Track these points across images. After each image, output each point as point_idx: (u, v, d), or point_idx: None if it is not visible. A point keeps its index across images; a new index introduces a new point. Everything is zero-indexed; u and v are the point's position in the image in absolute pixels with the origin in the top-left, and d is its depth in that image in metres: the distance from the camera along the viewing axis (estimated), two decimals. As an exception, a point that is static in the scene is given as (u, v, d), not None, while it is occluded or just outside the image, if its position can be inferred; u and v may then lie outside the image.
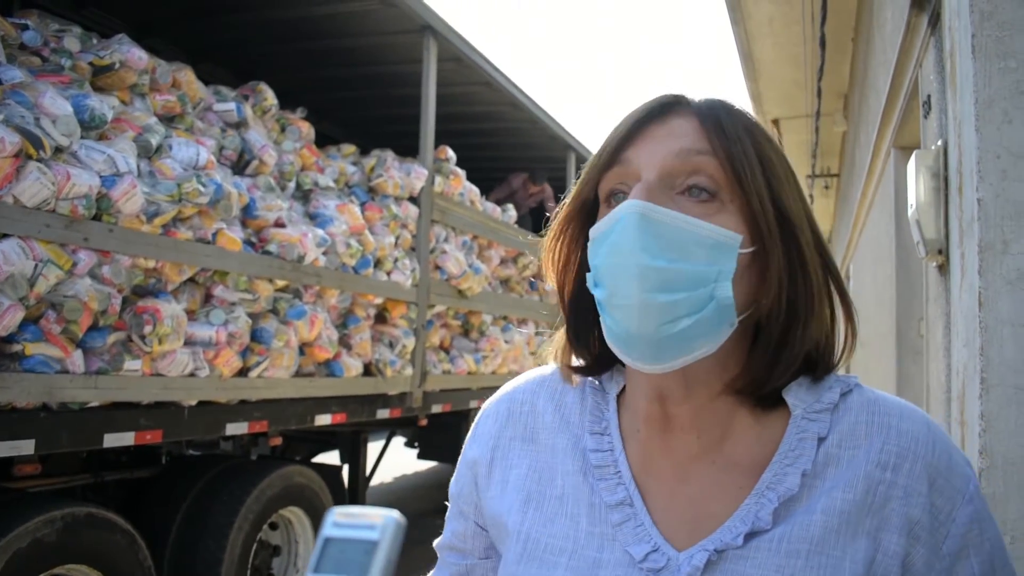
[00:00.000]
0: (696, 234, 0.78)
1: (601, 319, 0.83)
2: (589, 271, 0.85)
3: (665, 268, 0.77)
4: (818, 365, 0.86)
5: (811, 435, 0.83)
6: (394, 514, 0.55)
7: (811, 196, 11.72)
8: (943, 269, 2.61)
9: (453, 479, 1.01)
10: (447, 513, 1.02)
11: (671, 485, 0.86)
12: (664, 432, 0.87)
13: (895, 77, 3.69)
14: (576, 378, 0.96)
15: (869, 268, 6.30)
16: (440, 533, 1.03)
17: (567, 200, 0.91)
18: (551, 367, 0.99)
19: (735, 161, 0.80)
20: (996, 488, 1.98)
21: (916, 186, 2.59)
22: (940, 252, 2.54)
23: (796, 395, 0.85)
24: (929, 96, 2.84)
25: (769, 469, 0.83)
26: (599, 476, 0.88)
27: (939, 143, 2.56)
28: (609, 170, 0.85)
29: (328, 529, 0.56)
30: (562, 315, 0.95)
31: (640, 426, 0.89)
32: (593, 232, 0.84)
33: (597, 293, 0.82)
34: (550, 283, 0.94)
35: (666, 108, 0.85)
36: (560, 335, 0.96)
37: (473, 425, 1.02)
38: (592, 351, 0.94)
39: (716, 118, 0.83)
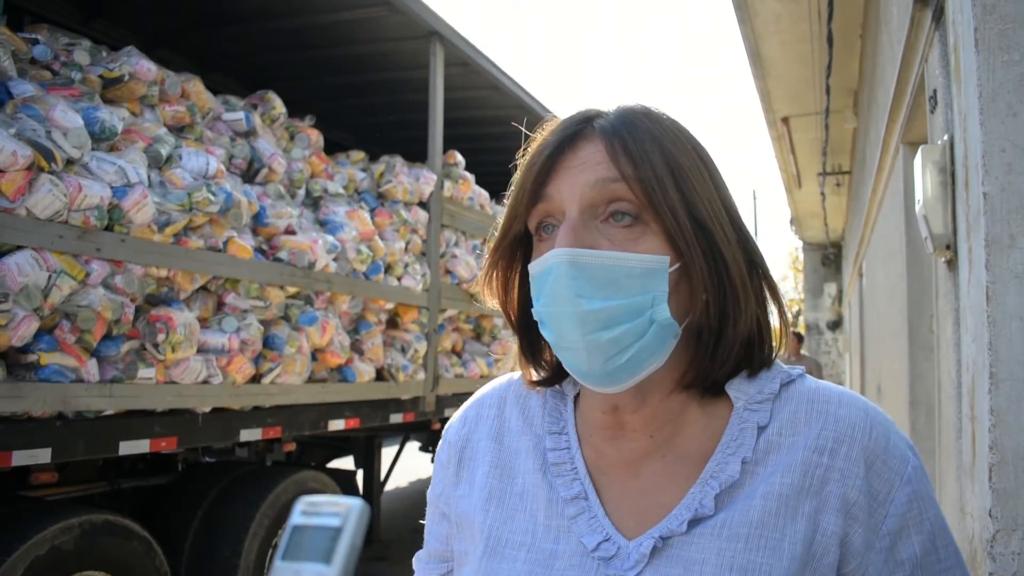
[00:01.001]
0: (625, 267, 0.81)
1: (554, 352, 0.88)
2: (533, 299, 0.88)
3: (602, 308, 0.80)
4: (755, 356, 0.89)
5: (751, 424, 0.87)
6: (357, 501, 0.57)
7: (823, 194, 11.68)
8: (951, 264, 2.60)
9: (431, 484, 1.05)
10: (427, 521, 1.05)
11: (623, 480, 0.90)
12: (617, 435, 0.91)
13: (901, 72, 3.68)
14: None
15: (881, 265, 6.28)
16: None
17: (496, 233, 0.93)
18: (519, 373, 1.03)
19: (645, 185, 0.82)
20: (1007, 483, 1.97)
21: (923, 181, 2.58)
22: (948, 247, 2.54)
23: (738, 388, 0.89)
24: (935, 91, 2.83)
25: (712, 459, 0.86)
26: (556, 473, 0.92)
27: (945, 138, 2.56)
28: (533, 207, 0.87)
29: (295, 518, 0.58)
30: (514, 335, 0.98)
31: (593, 432, 0.93)
32: (531, 269, 0.87)
33: (545, 334, 0.86)
34: (492, 306, 0.98)
35: (575, 135, 0.86)
36: (515, 350, 1.00)
37: (445, 429, 1.06)
38: (549, 364, 0.98)
39: (621, 140, 0.84)
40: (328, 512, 0.58)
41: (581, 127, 0.87)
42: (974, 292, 2.16)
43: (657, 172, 0.82)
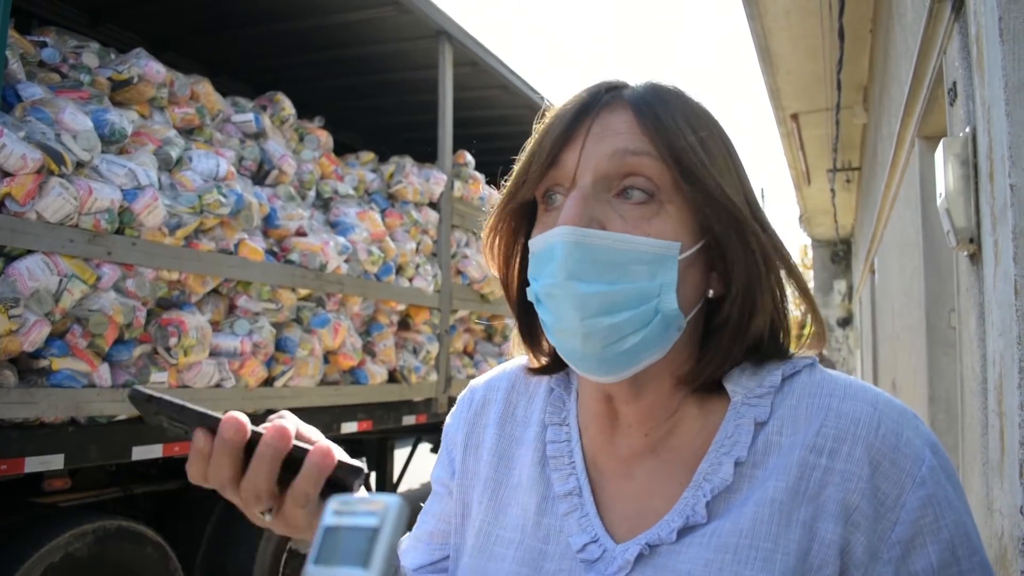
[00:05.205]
0: (634, 252, 0.76)
1: (547, 334, 0.83)
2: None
3: (605, 292, 0.75)
4: (763, 348, 0.83)
5: (748, 420, 0.80)
6: (395, 498, 0.53)
7: (832, 191, 11.61)
8: (975, 258, 2.55)
9: (435, 464, 1.02)
10: (428, 503, 1.01)
11: (618, 480, 0.85)
12: (612, 429, 0.87)
13: (918, 66, 3.63)
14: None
15: (895, 261, 6.22)
16: None
17: (503, 194, 0.87)
18: None
19: (682, 158, 0.77)
20: (1039, 480, 1.93)
21: (945, 175, 2.54)
22: (972, 241, 2.49)
23: (737, 381, 0.83)
24: (955, 83, 2.78)
25: (705, 460, 0.81)
26: (554, 466, 0.88)
27: (967, 130, 2.51)
28: (546, 172, 0.81)
29: (327, 519, 0.54)
30: (512, 315, 0.94)
31: (591, 423, 0.89)
32: (532, 245, 0.82)
33: (541, 313, 0.81)
34: (495, 273, 0.93)
35: (600, 102, 0.82)
36: (515, 335, 0.95)
37: (454, 408, 1.03)
38: (548, 350, 0.94)
39: (653, 112, 0.79)
40: (363, 511, 0.54)
41: (609, 95, 0.82)
42: (1001, 286, 2.12)
43: (692, 147, 0.78)
